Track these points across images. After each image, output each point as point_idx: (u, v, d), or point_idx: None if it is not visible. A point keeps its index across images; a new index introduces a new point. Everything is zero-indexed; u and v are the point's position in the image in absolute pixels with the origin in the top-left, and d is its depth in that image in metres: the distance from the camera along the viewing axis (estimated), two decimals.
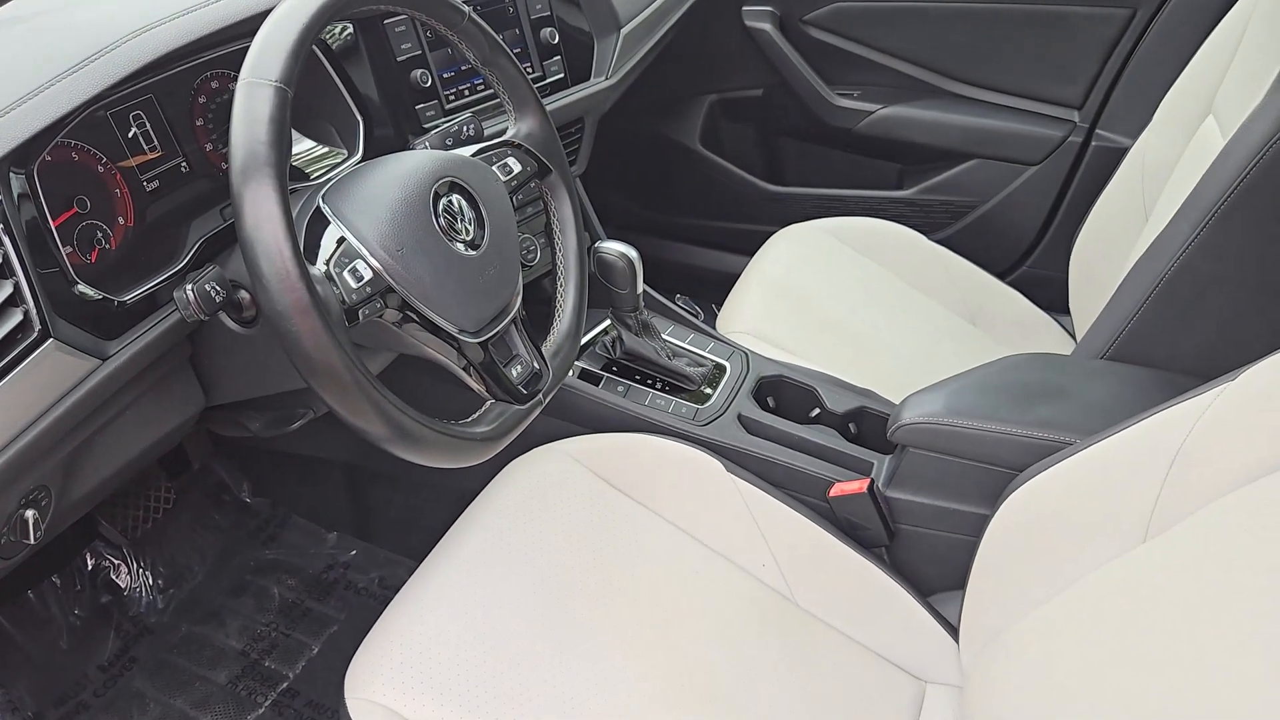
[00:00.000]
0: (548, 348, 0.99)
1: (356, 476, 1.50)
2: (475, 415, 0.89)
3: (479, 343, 0.87)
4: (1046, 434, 1.10)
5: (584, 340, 1.34)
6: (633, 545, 1.15)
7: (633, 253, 1.26)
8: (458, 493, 1.17)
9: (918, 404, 1.16)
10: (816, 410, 1.34)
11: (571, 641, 1.03)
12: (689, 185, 2.13)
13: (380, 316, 0.82)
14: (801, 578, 1.18)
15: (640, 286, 1.28)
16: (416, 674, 0.95)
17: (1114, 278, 1.48)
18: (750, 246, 1.82)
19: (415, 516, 1.45)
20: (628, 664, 1.03)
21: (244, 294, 0.86)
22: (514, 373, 0.91)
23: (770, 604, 1.16)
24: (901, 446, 1.19)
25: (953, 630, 1.16)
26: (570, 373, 1.30)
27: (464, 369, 0.88)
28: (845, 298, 1.64)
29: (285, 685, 1.36)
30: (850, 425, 1.33)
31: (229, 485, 1.56)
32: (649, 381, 1.31)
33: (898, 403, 1.35)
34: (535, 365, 0.93)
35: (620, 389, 1.29)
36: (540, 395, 0.93)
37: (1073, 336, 1.72)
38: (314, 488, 1.55)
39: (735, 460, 1.22)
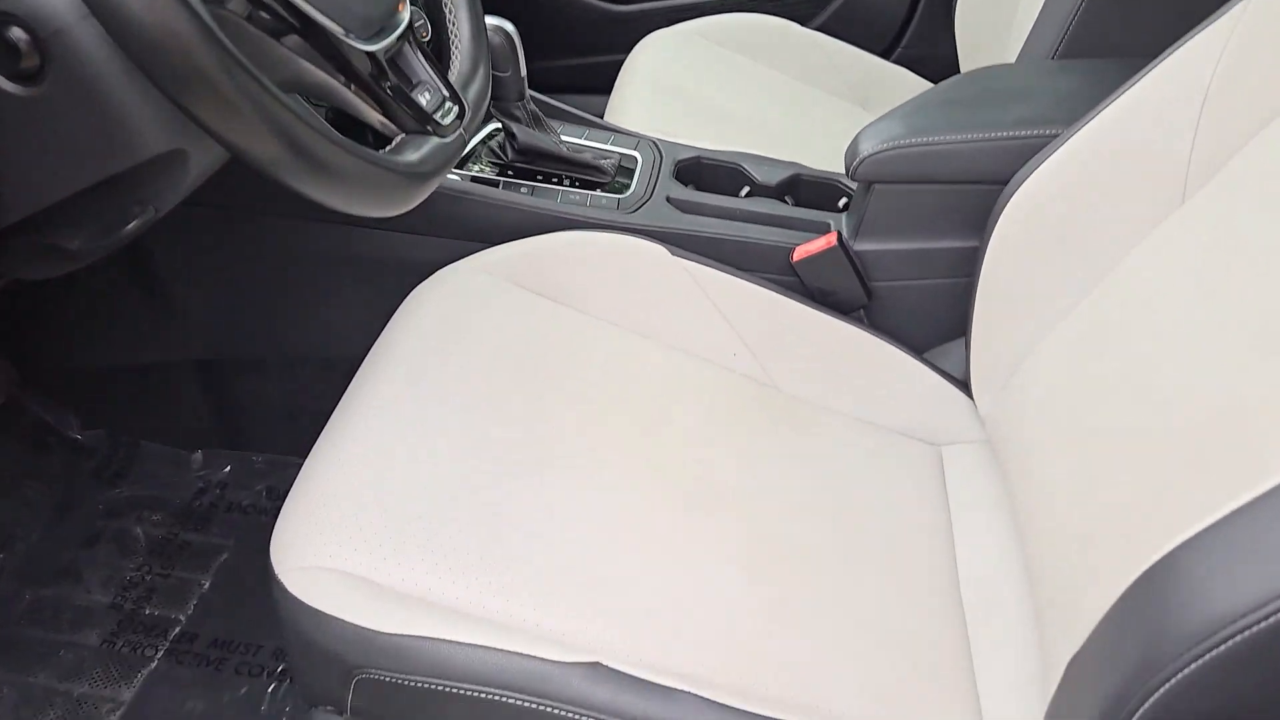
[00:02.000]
0: (454, 80, 0.76)
1: (213, 375, 1.23)
2: (393, 144, 0.66)
3: (372, 51, 0.64)
4: (1030, 131, 0.96)
5: (470, 144, 1.11)
6: (581, 354, 0.95)
7: (509, 26, 1.04)
8: (343, 364, 0.93)
9: (876, 133, 1.00)
10: (746, 188, 1.16)
11: (540, 459, 0.83)
12: (527, 27, 1.88)
13: (247, 17, 0.58)
14: (779, 360, 1.01)
15: (523, 68, 1.07)
16: (364, 526, 0.73)
17: (1005, 38, 1.35)
18: (606, 82, 1.61)
19: (296, 404, 1.20)
20: (612, 473, 0.84)
21: (16, 31, 0.60)
22: (423, 100, 0.68)
23: (753, 394, 0.99)
24: (866, 187, 1.03)
25: (958, 383, 1.02)
26: (459, 177, 1.07)
27: (362, 96, 0.65)
28: (733, 92, 1.47)
29: (179, 630, 1.10)
30: (786, 198, 1.16)
31: (50, 423, 1.26)
32: (554, 180, 1.10)
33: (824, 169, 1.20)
34: (445, 93, 0.70)
35: (524, 190, 1.08)
36: (462, 130, 0.71)
37: None
38: (162, 403, 1.26)
39: (678, 244, 1.03)
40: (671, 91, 1.43)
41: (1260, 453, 0.59)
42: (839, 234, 1.03)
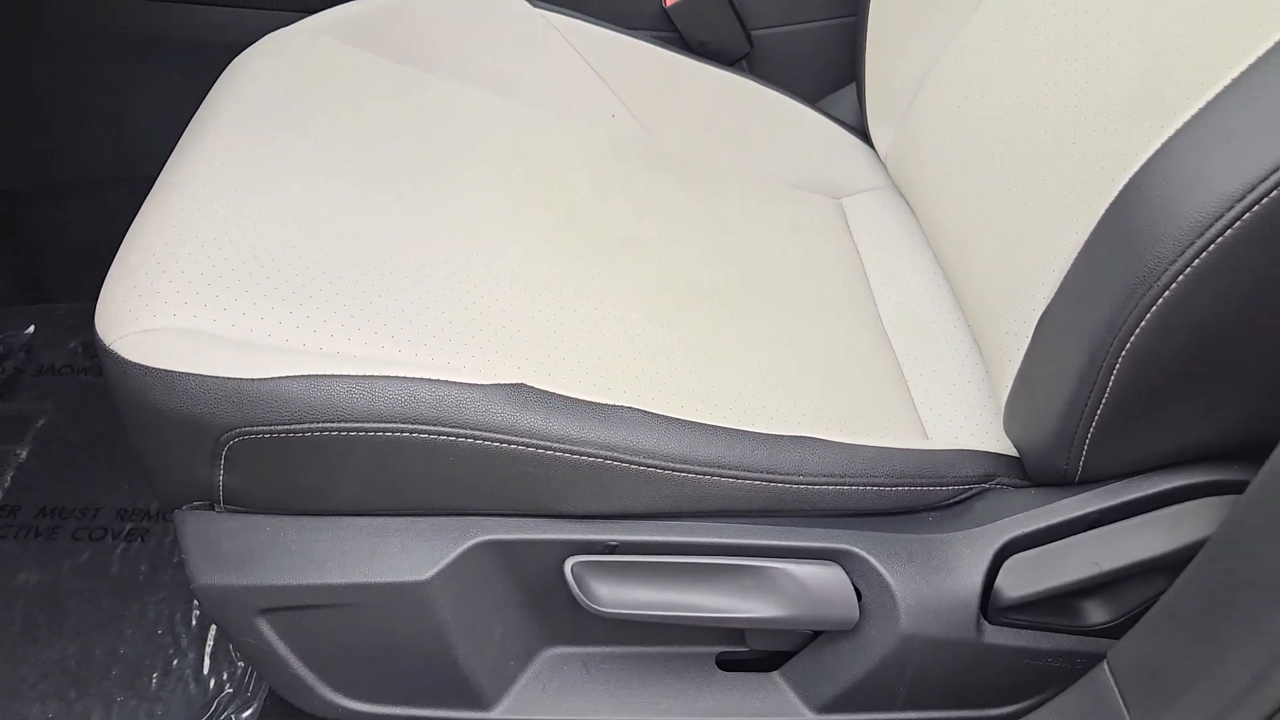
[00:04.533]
0: None
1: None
2: None
3: None
4: None
5: None
6: (445, 114, 0.83)
7: None
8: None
9: None
10: None
11: (411, 210, 0.71)
12: None
13: None
14: (662, 118, 0.92)
15: None
16: (211, 280, 0.60)
17: None
18: None
19: (104, 238, 1.02)
20: (496, 222, 0.74)
21: None
22: None
23: (639, 153, 0.90)
24: None
25: (853, 130, 0.96)
26: None
27: None
28: None
29: None
30: None
31: None
32: None
33: None
34: None
35: None
36: None
37: None
38: None
39: None
40: None
41: (1213, 55, 0.54)
42: None
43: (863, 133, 0.95)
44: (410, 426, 0.54)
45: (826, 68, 0.99)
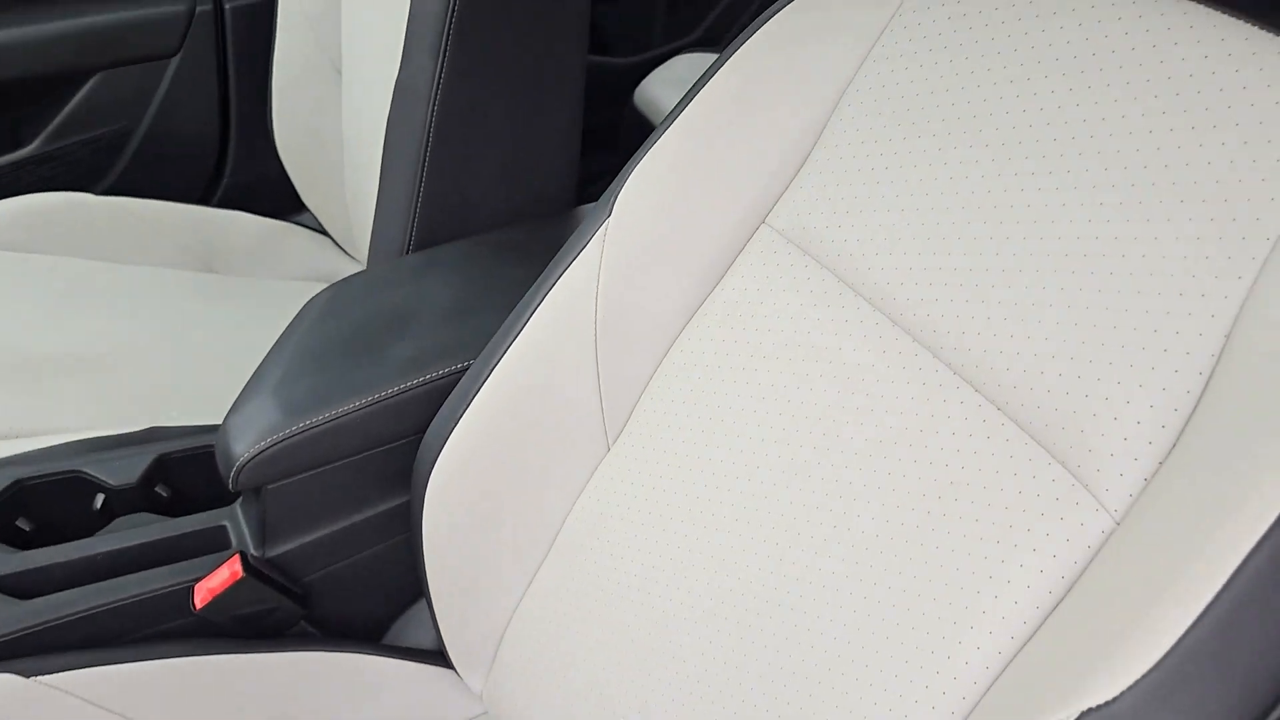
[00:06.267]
0: None
1: None
2: None
3: None
4: (425, 375, 0.84)
5: None
6: None
7: None
8: None
9: (247, 426, 0.81)
10: (101, 497, 0.90)
11: None
12: None
13: None
14: None
15: None
16: None
17: (336, 155, 1.24)
18: None
19: None
20: None
21: None
22: None
23: None
24: (256, 491, 0.83)
25: (435, 655, 0.89)
26: None
27: None
28: (36, 318, 1.15)
29: None
30: (158, 490, 0.92)
31: None
32: None
33: (198, 424, 0.98)
34: None
35: None
36: None
37: (325, 232, 1.45)
38: None
39: (35, 649, 0.76)
40: None
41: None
42: (242, 554, 0.82)
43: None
44: None
45: (399, 582, 0.92)
